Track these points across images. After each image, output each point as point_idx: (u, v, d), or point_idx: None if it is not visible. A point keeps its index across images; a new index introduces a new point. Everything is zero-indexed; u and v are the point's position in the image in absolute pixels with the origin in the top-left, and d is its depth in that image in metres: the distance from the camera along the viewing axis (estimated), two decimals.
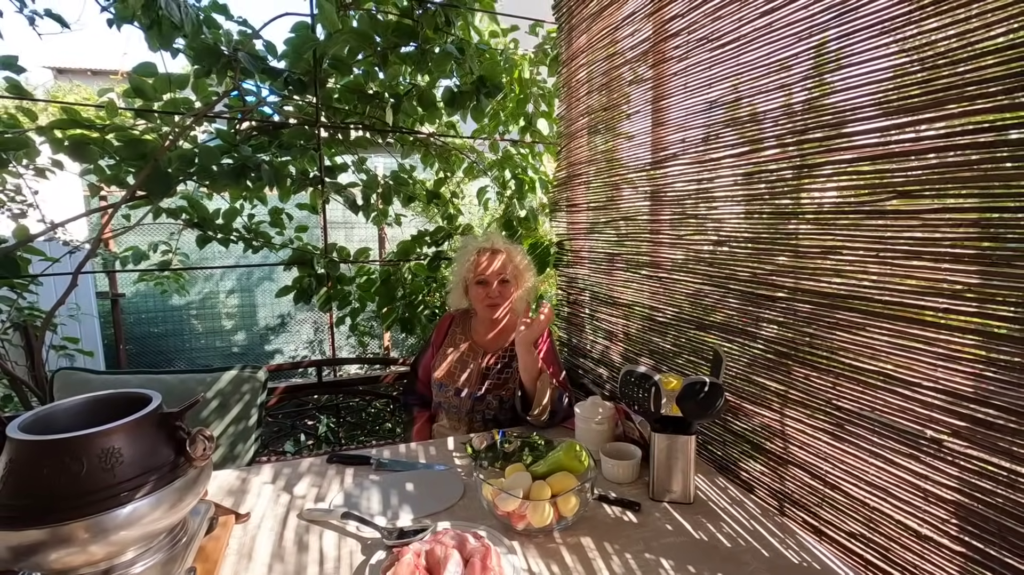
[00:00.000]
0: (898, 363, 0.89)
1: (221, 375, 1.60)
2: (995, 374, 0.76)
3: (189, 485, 0.80)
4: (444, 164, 2.68)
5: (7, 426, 0.73)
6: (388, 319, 2.44)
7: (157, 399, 0.83)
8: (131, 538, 0.73)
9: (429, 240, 2.51)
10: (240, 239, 2.24)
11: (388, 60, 2.16)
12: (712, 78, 1.26)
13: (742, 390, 1.24)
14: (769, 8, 1.08)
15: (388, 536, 0.98)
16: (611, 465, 1.22)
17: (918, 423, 0.86)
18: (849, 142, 0.95)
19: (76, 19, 2.09)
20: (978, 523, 0.79)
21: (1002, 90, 0.73)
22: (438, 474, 1.25)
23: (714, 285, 1.30)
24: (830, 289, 1.00)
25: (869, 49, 0.90)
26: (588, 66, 1.86)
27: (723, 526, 1.04)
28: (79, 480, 0.70)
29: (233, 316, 4.94)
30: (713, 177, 1.29)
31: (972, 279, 0.78)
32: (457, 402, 1.63)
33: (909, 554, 0.89)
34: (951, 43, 0.79)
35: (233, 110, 2.19)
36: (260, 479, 1.24)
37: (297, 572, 0.91)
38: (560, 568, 0.92)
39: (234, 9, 2.09)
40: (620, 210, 1.73)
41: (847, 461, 0.99)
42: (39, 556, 0.67)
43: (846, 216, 0.96)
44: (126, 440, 0.75)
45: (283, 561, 0.94)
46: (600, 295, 1.89)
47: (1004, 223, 0.75)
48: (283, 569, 0.92)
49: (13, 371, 1.86)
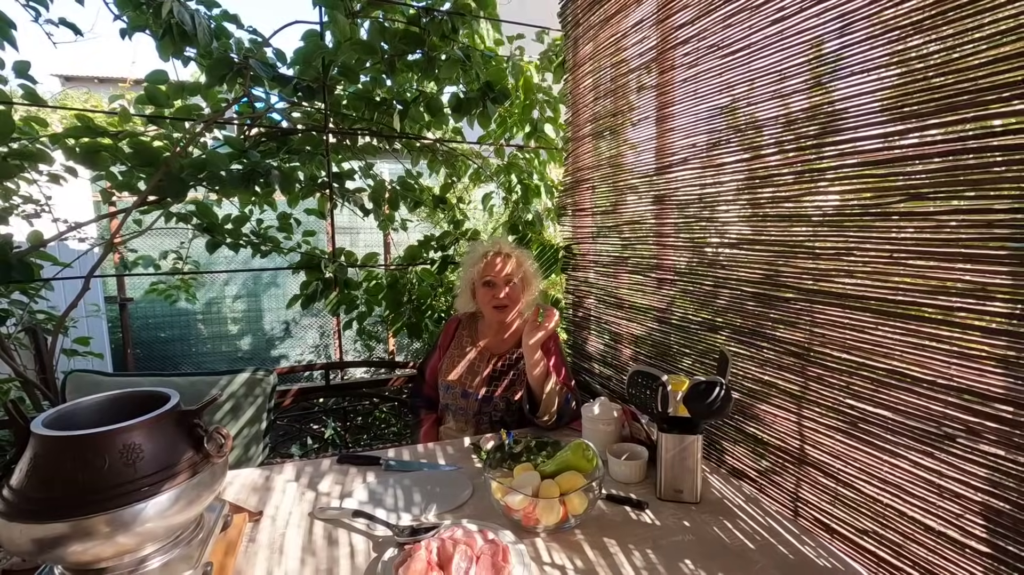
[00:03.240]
0: (912, 361, 0.89)
1: (233, 378, 1.61)
2: (1010, 371, 0.77)
3: (207, 482, 0.81)
4: (450, 170, 2.71)
5: (31, 422, 0.74)
6: (395, 323, 2.45)
7: (175, 397, 0.84)
8: (151, 533, 0.74)
9: (435, 245, 2.53)
10: (249, 244, 2.26)
11: (395, 67, 2.19)
12: (722, 84, 1.27)
13: (753, 390, 1.24)
14: (780, 16, 1.10)
15: (400, 534, 0.99)
16: (619, 465, 1.22)
17: (933, 420, 0.87)
18: (859, 146, 0.96)
19: (90, 28, 2.13)
20: (994, 519, 0.80)
21: (1018, 95, 0.74)
22: (447, 474, 1.26)
23: (724, 287, 1.31)
24: (843, 290, 1.00)
25: (878, 56, 0.91)
26: (594, 73, 1.88)
27: (733, 525, 1.04)
28: (101, 475, 0.71)
29: (239, 321, 4.97)
30: (724, 181, 1.30)
31: (986, 278, 0.79)
32: (464, 404, 1.64)
33: (923, 551, 0.89)
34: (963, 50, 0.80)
35: (243, 116, 2.22)
36: (282, 477, 1.25)
37: (312, 569, 0.92)
38: (573, 565, 0.92)
39: (245, 18, 2.13)
40: (627, 214, 1.74)
41: (860, 459, 0.99)
42: (61, 549, 0.68)
43: (858, 218, 0.97)
44: (147, 436, 0.76)
45: (314, 555, 0.95)
46: (607, 298, 1.90)
47: (1017, 223, 0.76)
48: (312, 563, 0.93)
49: (24, 373, 1.88)
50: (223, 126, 2.27)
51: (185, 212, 2.12)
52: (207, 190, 2.10)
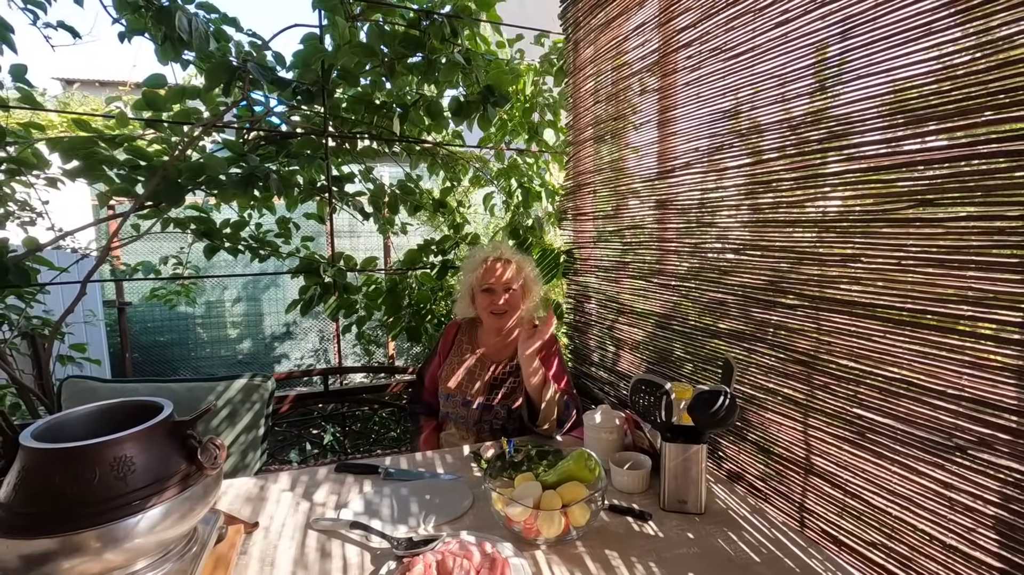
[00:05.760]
0: (921, 370, 0.88)
1: (230, 384, 1.59)
2: (1022, 381, 0.75)
3: (201, 494, 0.79)
4: (450, 173, 2.70)
5: (20, 434, 0.72)
6: (394, 328, 2.44)
7: (169, 407, 0.82)
8: (143, 547, 0.72)
9: (435, 249, 2.52)
10: (248, 248, 2.25)
11: (395, 70, 2.18)
12: (725, 88, 1.26)
13: (758, 399, 1.22)
14: (783, 20, 1.09)
15: (398, 546, 0.97)
16: (621, 475, 1.20)
17: (943, 431, 0.85)
18: (865, 150, 0.95)
19: (88, 31, 2.12)
20: (1006, 532, 0.78)
21: None
22: (447, 484, 1.24)
23: (729, 294, 1.29)
24: (850, 297, 0.99)
25: (885, 60, 0.90)
26: (596, 76, 1.87)
27: (738, 536, 1.02)
28: (92, 488, 0.69)
29: (239, 325, 4.95)
30: (727, 186, 1.28)
31: (997, 286, 0.77)
32: (465, 412, 1.62)
33: (933, 564, 0.87)
34: (974, 53, 0.78)
35: (242, 120, 2.21)
36: (277, 487, 1.23)
37: None
38: None
39: (244, 22, 2.12)
40: (628, 219, 1.73)
41: (868, 469, 0.97)
42: (50, 565, 0.66)
43: (865, 224, 0.95)
44: (138, 448, 0.74)
45: (305, 568, 0.93)
46: (608, 303, 1.88)
47: None
48: None
49: (20, 379, 1.86)
50: (222, 130, 2.25)
51: (183, 217, 2.11)
52: (206, 194, 2.08)
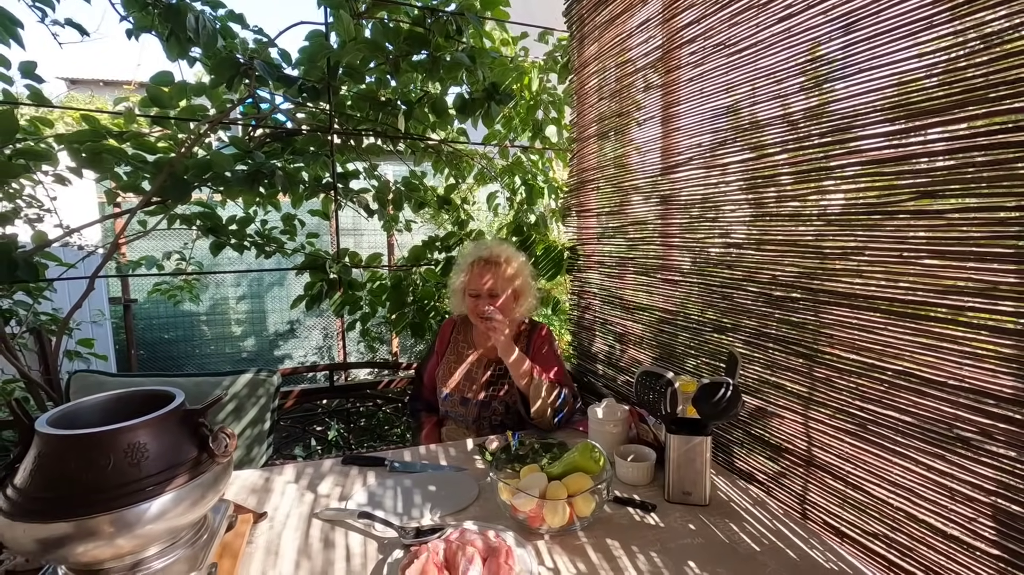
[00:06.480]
0: (922, 362, 0.88)
1: (237, 378, 1.60)
2: (1022, 372, 0.76)
3: (212, 481, 0.81)
4: (455, 170, 2.70)
5: (36, 421, 0.74)
6: (399, 324, 2.45)
7: (180, 396, 0.84)
8: (156, 533, 0.74)
9: (440, 246, 2.52)
10: (253, 245, 2.26)
11: (400, 68, 2.19)
12: (728, 83, 1.27)
13: (761, 391, 1.23)
14: (787, 14, 1.09)
15: (405, 535, 0.98)
16: (625, 467, 1.22)
17: (943, 422, 0.86)
18: (866, 144, 0.95)
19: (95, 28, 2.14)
20: (1006, 522, 0.78)
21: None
22: (452, 476, 1.25)
23: (732, 287, 1.30)
24: (851, 290, 0.99)
25: (888, 53, 0.90)
26: (599, 73, 1.88)
27: (741, 527, 1.03)
28: (106, 474, 0.71)
29: (243, 322, 4.97)
30: (730, 181, 1.29)
31: (999, 277, 0.78)
32: (463, 411, 1.63)
33: (934, 554, 0.88)
34: (975, 45, 0.79)
35: (247, 117, 2.22)
36: (282, 479, 1.24)
37: (320, 570, 0.91)
38: (579, 568, 0.91)
39: (250, 19, 2.13)
40: (632, 215, 1.73)
41: (870, 461, 0.98)
42: (65, 549, 0.68)
43: (867, 217, 0.96)
44: (151, 436, 0.76)
45: (309, 558, 0.94)
46: (612, 299, 1.89)
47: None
48: (308, 566, 0.92)
49: (29, 374, 1.88)
50: (228, 127, 2.27)
51: (189, 214, 2.13)
52: (211, 191, 2.10)
